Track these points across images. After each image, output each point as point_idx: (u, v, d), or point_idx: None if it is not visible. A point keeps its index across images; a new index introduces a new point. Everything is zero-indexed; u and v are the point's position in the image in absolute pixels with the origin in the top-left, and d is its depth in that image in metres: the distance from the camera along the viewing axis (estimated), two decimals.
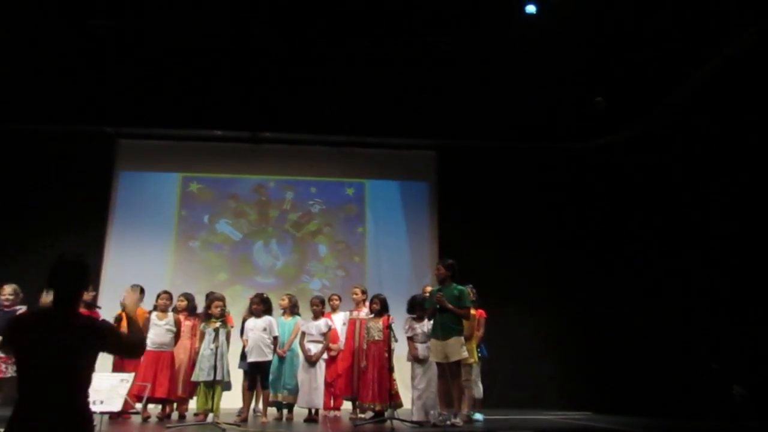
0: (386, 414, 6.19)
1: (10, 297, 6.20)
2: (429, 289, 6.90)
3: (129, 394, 5.12)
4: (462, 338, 6.04)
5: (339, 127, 9.47)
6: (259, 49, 8.67)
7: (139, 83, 8.78)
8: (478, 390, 6.77)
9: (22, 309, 6.21)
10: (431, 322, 6.27)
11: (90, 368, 2.50)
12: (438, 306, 6.00)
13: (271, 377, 6.58)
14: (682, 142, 8.01)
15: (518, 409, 8.15)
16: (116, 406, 4.58)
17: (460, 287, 6.10)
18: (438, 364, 6.06)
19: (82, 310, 6.04)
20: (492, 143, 9.80)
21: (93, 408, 2.61)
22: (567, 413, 7.90)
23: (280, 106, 9.17)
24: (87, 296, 6.50)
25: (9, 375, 5.75)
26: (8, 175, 8.89)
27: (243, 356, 6.71)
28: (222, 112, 9.21)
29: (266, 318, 6.73)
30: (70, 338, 2.41)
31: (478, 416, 6.65)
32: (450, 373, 5.95)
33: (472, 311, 6.53)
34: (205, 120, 9.33)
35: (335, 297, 7.44)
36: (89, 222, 9.04)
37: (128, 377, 4.86)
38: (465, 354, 6.08)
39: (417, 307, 6.61)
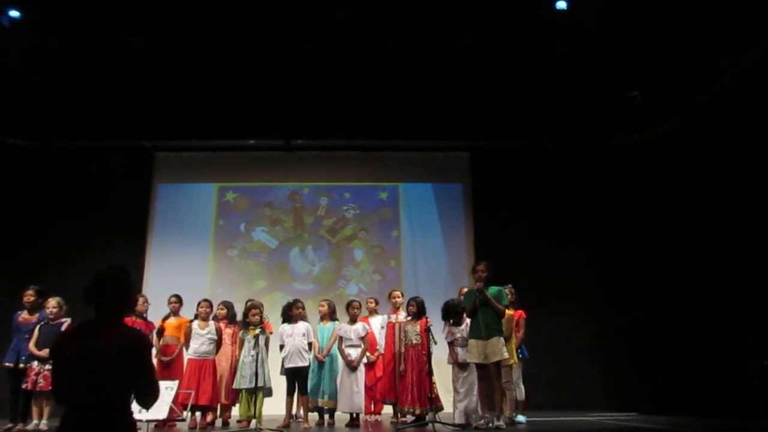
0: (427, 417, 6.16)
1: (54, 309, 6.36)
2: (466, 290, 6.83)
3: (174, 401, 5.19)
4: (502, 338, 5.96)
5: (371, 132, 9.49)
6: (289, 57, 8.76)
7: (172, 96, 8.94)
8: (520, 392, 6.67)
9: (67, 321, 6.39)
10: (468, 325, 6.23)
11: (131, 377, 2.53)
12: (478, 303, 5.92)
13: (311, 383, 6.61)
14: (722, 135, 7.76)
15: (561, 410, 8.00)
16: (162, 414, 4.66)
17: (497, 287, 6.05)
18: (478, 366, 5.99)
19: (137, 321, 6.22)
20: (526, 142, 9.69)
21: (138, 416, 2.65)
22: (612, 414, 7.73)
23: (312, 112, 9.22)
24: (142, 307, 6.67)
25: None
26: (50, 191, 9.14)
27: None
28: (255, 122, 9.30)
29: (304, 323, 6.77)
30: (108, 347, 2.47)
31: (521, 418, 6.55)
32: (490, 374, 5.88)
33: (511, 312, 6.48)
34: (238, 130, 9.45)
35: (372, 300, 7.44)
36: (130, 234, 9.25)
37: (173, 385, 4.94)
38: (506, 354, 5.99)
39: (452, 313, 6.54)
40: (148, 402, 2.62)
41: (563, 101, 9.03)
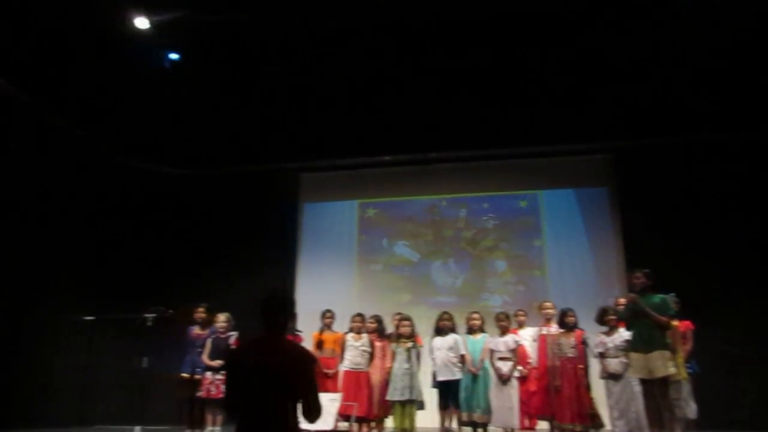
0: None
1: (224, 324, 6.90)
2: (623, 301, 6.49)
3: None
4: (667, 352, 5.55)
5: (507, 140, 9.33)
6: (420, 71, 8.87)
7: (313, 120, 9.39)
8: (691, 409, 6.18)
9: (234, 335, 6.88)
10: (623, 335, 5.91)
11: (297, 389, 2.70)
12: (632, 314, 5.59)
13: (463, 396, 6.55)
14: None
15: (739, 429, 7.29)
16: (328, 425, 4.83)
17: (661, 296, 5.65)
18: (642, 381, 5.63)
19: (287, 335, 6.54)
20: (675, 138, 9.02)
21: (305, 427, 2.81)
22: None
23: (446, 124, 9.25)
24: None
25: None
26: (208, 216, 9.93)
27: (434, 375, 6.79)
28: (391, 138, 9.49)
29: (452, 336, 6.76)
30: (279, 362, 2.67)
31: None
32: (657, 391, 5.50)
33: (676, 323, 6.04)
34: (375, 147, 9.69)
35: (521, 312, 7.26)
36: (282, 253, 9.74)
37: (337, 397, 5.12)
38: (672, 370, 5.57)
39: (603, 315, 6.32)
40: (314, 416, 2.77)
41: (713, 91, 8.31)
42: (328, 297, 8.60)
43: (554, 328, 6.70)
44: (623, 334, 6.19)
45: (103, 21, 7.90)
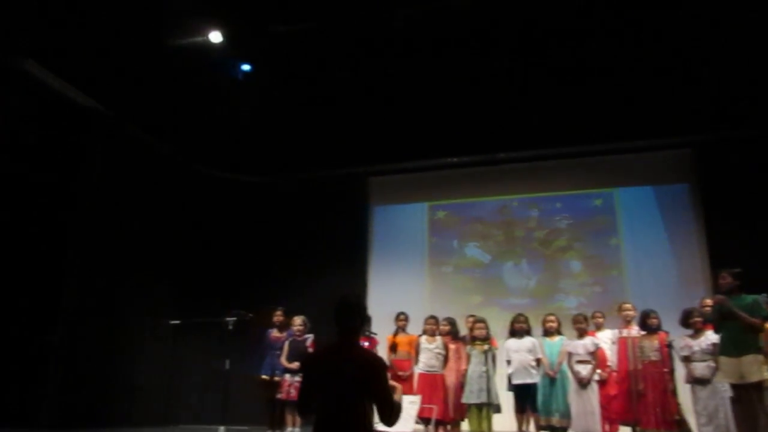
0: None
1: (300, 327, 7.05)
2: (709, 302, 6.23)
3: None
4: (760, 356, 5.31)
5: (578, 137, 9.11)
6: (487, 69, 8.80)
7: (382, 123, 9.47)
8: None
9: (310, 337, 7.04)
10: (709, 338, 5.67)
11: (371, 394, 2.78)
12: (720, 316, 5.36)
13: (541, 399, 6.46)
14: None
15: None
16: (409, 428, 4.88)
17: (753, 296, 5.39)
18: (733, 386, 5.39)
19: (361, 338, 6.64)
20: (759, 130, 8.54)
21: (383, 429, 2.89)
22: None
23: (514, 123, 9.13)
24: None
25: None
26: (286, 221, 10.18)
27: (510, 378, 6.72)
28: (459, 139, 9.46)
29: (529, 338, 6.67)
30: (352, 368, 2.77)
31: None
32: (749, 397, 5.25)
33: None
34: (444, 149, 9.68)
35: (599, 314, 7.08)
36: (353, 256, 9.86)
37: (416, 399, 5.17)
38: (767, 374, 5.31)
39: (688, 317, 6.08)
40: (390, 419, 2.84)
41: None
42: (400, 299, 8.63)
43: (635, 331, 6.49)
44: (710, 337, 5.96)
45: (179, 36, 8.31)
